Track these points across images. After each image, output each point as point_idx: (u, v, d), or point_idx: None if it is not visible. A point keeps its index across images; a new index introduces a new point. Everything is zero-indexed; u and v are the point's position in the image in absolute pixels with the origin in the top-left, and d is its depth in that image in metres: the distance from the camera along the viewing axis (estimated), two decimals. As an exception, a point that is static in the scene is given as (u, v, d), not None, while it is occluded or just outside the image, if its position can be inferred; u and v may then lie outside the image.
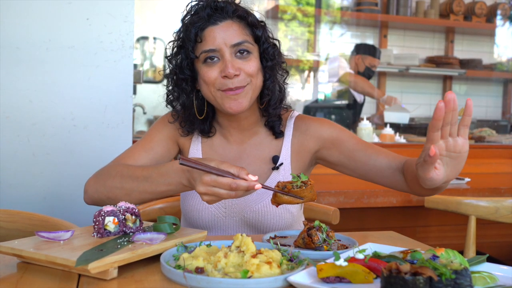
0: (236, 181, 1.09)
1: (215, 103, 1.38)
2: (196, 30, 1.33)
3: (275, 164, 1.44)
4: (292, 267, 0.97)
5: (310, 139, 1.46)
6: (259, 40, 1.38)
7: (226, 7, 1.35)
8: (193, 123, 1.44)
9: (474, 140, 3.36)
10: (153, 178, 1.26)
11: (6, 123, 2.05)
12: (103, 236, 1.09)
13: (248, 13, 1.38)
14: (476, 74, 5.12)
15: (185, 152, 1.50)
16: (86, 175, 2.15)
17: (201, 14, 1.34)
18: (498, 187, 2.46)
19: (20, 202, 2.06)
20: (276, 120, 1.46)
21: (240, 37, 1.34)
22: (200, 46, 1.34)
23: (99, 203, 1.37)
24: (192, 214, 1.43)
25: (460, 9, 4.87)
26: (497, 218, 1.87)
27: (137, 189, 1.28)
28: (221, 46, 1.32)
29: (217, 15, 1.34)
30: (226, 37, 1.32)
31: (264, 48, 1.38)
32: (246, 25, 1.37)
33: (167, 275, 0.95)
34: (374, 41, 4.99)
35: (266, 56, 1.39)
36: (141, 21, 4.15)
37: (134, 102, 3.39)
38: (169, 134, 1.48)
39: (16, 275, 0.96)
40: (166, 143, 1.47)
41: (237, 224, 1.42)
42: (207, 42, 1.33)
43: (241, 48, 1.33)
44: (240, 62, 1.33)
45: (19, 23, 2.04)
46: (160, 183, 1.24)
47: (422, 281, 0.77)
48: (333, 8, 4.89)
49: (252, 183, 1.10)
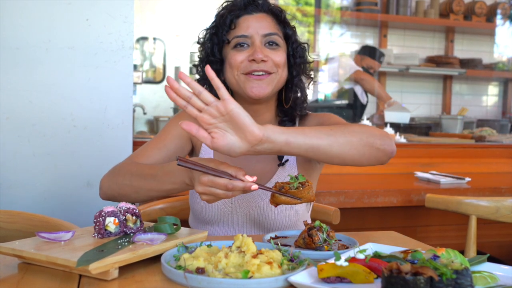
0: (232, 182, 1.10)
1: (237, 87, 1.40)
2: (232, 17, 1.40)
3: (280, 161, 1.46)
4: (292, 267, 0.97)
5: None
6: (288, 38, 1.44)
7: (262, 2, 1.43)
8: None
9: (475, 140, 3.36)
10: (159, 176, 1.28)
11: (6, 124, 2.05)
12: (103, 237, 1.09)
13: (281, 11, 1.45)
14: (476, 74, 5.12)
15: (197, 148, 1.52)
16: (86, 175, 2.16)
17: (238, 3, 1.42)
18: (499, 186, 2.46)
19: (21, 202, 2.07)
20: (289, 121, 1.49)
21: (272, 29, 1.41)
22: (233, 32, 1.40)
23: (112, 199, 1.40)
24: (199, 209, 1.46)
25: (460, 9, 4.87)
26: (498, 218, 1.86)
27: (144, 187, 1.31)
28: (253, 33, 1.39)
29: (253, 6, 1.42)
30: (259, 26, 1.39)
31: (293, 47, 1.44)
32: (278, 22, 1.44)
33: (167, 276, 0.95)
34: (374, 41, 5.00)
35: (295, 54, 1.44)
36: (140, 21, 4.15)
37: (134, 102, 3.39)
38: (182, 132, 1.49)
39: (17, 276, 0.96)
40: (179, 141, 1.49)
41: (242, 220, 1.44)
42: (240, 28, 1.40)
43: (271, 40, 1.40)
44: (269, 51, 1.39)
45: (18, 24, 2.04)
46: (166, 181, 1.27)
47: (423, 281, 0.77)
48: (332, 8, 4.89)
49: (248, 183, 1.11)
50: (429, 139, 3.39)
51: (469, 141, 3.32)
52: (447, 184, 2.47)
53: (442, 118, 4.20)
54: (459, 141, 3.32)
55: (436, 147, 3.03)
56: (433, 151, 2.97)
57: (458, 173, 2.70)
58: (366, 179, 2.61)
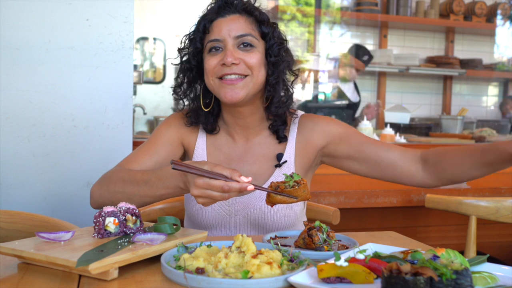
0: (228, 183, 1.10)
1: (215, 92, 1.40)
2: (205, 22, 1.40)
3: (278, 162, 1.45)
4: (292, 268, 0.97)
5: (317, 135, 1.47)
6: (265, 36, 1.41)
7: (235, 2, 1.41)
8: (198, 115, 1.47)
9: (475, 140, 3.36)
10: (152, 182, 1.27)
11: (6, 124, 2.05)
12: (103, 237, 1.09)
13: (257, 10, 1.42)
14: (477, 74, 5.12)
15: (190, 152, 1.51)
16: (86, 175, 2.16)
17: (213, 8, 1.42)
18: (499, 187, 2.46)
19: (20, 202, 2.07)
20: (280, 125, 1.46)
21: (245, 30, 1.38)
22: (207, 37, 1.41)
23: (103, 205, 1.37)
24: (196, 213, 1.44)
25: (460, 9, 4.87)
26: (498, 218, 1.86)
27: (137, 193, 1.29)
28: (225, 36, 1.37)
29: (227, 8, 1.41)
30: (231, 28, 1.38)
31: (270, 44, 1.41)
32: (254, 21, 1.41)
33: (167, 276, 0.95)
34: (374, 41, 5.00)
35: (271, 52, 1.41)
36: (141, 21, 4.15)
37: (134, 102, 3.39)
38: (173, 137, 1.49)
39: (17, 276, 0.96)
40: (170, 146, 1.48)
41: (240, 223, 1.43)
42: (213, 32, 1.39)
43: (245, 41, 1.38)
44: (241, 53, 1.37)
45: (18, 24, 2.04)
46: (159, 186, 1.25)
47: (422, 281, 0.77)
48: (332, 8, 4.89)
49: (244, 184, 1.11)
50: (429, 140, 3.39)
51: (469, 141, 3.32)
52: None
53: (442, 118, 4.21)
54: (459, 142, 3.32)
55: (436, 147, 3.02)
56: (433, 152, 2.96)
57: (458, 174, 2.69)
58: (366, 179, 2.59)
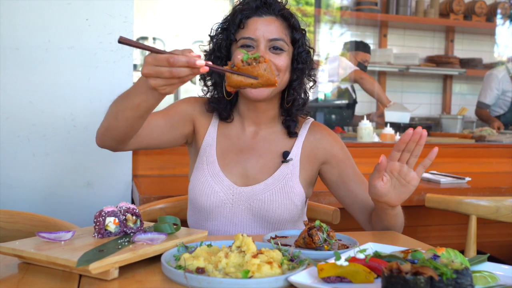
0: (173, 56, 1.04)
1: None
2: (242, 16, 1.44)
3: (285, 158, 1.49)
4: (293, 267, 0.97)
5: (321, 150, 1.53)
6: (295, 43, 1.47)
7: (274, 4, 1.45)
8: (219, 102, 1.51)
9: (475, 140, 3.36)
10: (129, 92, 1.24)
11: (6, 124, 2.05)
12: (103, 237, 1.09)
13: (292, 16, 1.48)
14: (476, 73, 5.12)
15: (200, 136, 1.54)
16: (86, 175, 2.16)
17: (251, 4, 1.45)
18: (499, 186, 2.46)
19: (21, 202, 2.07)
20: (293, 121, 1.53)
21: (279, 34, 1.43)
22: (241, 32, 1.44)
23: (103, 140, 1.38)
24: (200, 199, 1.46)
25: (460, 8, 4.87)
26: (498, 218, 1.86)
27: (120, 108, 1.26)
28: (259, 37, 1.42)
29: (264, 9, 1.44)
30: (266, 30, 1.42)
31: (298, 51, 1.47)
32: (287, 26, 1.46)
33: (168, 276, 0.95)
34: (374, 41, 5.00)
35: (299, 59, 1.47)
36: (140, 21, 4.15)
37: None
38: (188, 112, 1.53)
39: (17, 276, 0.96)
40: (183, 116, 1.52)
41: (243, 213, 1.46)
42: (248, 30, 1.43)
43: (276, 45, 1.43)
44: (272, 55, 1.42)
45: (18, 24, 2.04)
46: (135, 94, 1.21)
47: (423, 281, 0.77)
48: (332, 7, 4.89)
49: (192, 58, 1.05)
50: (429, 139, 3.39)
51: (469, 141, 3.32)
52: (447, 184, 2.47)
53: (442, 117, 4.21)
54: (459, 141, 3.32)
55: (436, 146, 3.02)
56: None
57: (458, 173, 2.70)
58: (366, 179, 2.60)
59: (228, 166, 1.49)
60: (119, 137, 1.33)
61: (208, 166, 1.49)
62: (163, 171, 2.36)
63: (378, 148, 2.81)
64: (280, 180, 1.46)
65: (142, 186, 2.11)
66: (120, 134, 1.32)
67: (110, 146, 1.39)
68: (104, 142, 1.39)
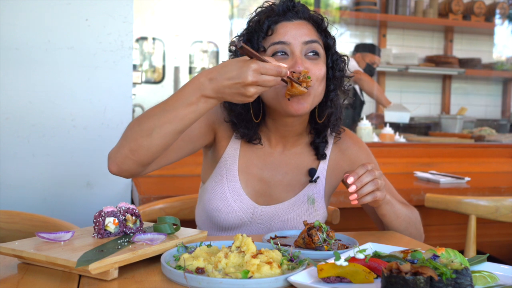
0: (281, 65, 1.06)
1: (275, 101, 1.28)
2: (269, 22, 1.29)
3: (311, 177, 1.40)
4: (292, 267, 0.97)
5: (346, 160, 1.46)
6: (328, 49, 1.34)
7: (302, 9, 1.32)
8: (249, 127, 1.36)
9: (474, 140, 3.36)
10: (170, 104, 1.12)
11: (6, 124, 2.05)
12: (103, 237, 1.09)
13: (323, 20, 1.35)
14: (476, 73, 5.13)
15: (221, 148, 1.41)
16: (86, 175, 2.16)
17: (277, 9, 1.31)
18: (498, 186, 2.46)
19: (20, 202, 2.07)
20: (322, 142, 1.42)
21: (313, 36, 1.30)
22: (270, 39, 1.29)
23: (124, 164, 1.20)
24: (217, 215, 1.37)
25: (459, 8, 4.87)
26: (497, 217, 1.87)
27: (157, 123, 1.13)
28: (292, 40, 1.27)
29: (293, 12, 1.31)
30: (298, 34, 1.28)
31: (333, 59, 1.34)
32: (319, 30, 1.34)
33: (167, 276, 0.95)
34: (373, 41, 5.00)
35: (335, 67, 1.34)
36: (140, 21, 4.16)
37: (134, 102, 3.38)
38: (210, 120, 1.39)
39: (17, 276, 0.96)
40: (204, 125, 1.37)
41: (262, 232, 1.38)
42: (278, 34, 1.28)
43: (313, 49, 1.29)
44: (309, 62, 1.27)
45: (18, 24, 2.04)
46: (182, 105, 1.10)
47: (422, 281, 0.77)
48: (332, 7, 4.90)
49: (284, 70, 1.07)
50: (429, 139, 3.39)
51: (468, 140, 3.33)
52: (446, 184, 2.47)
53: (441, 117, 4.21)
54: (459, 141, 3.32)
55: (436, 146, 3.03)
56: (433, 151, 2.97)
57: (457, 173, 2.70)
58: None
59: (250, 182, 1.38)
60: (148, 158, 1.17)
61: (228, 181, 1.37)
62: (163, 171, 2.36)
63: (378, 148, 2.81)
64: (305, 201, 1.38)
65: (142, 186, 2.11)
66: (151, 154, 1.17)
67: (129, 171, 1.21)
68: (124, 167, 1.20)
